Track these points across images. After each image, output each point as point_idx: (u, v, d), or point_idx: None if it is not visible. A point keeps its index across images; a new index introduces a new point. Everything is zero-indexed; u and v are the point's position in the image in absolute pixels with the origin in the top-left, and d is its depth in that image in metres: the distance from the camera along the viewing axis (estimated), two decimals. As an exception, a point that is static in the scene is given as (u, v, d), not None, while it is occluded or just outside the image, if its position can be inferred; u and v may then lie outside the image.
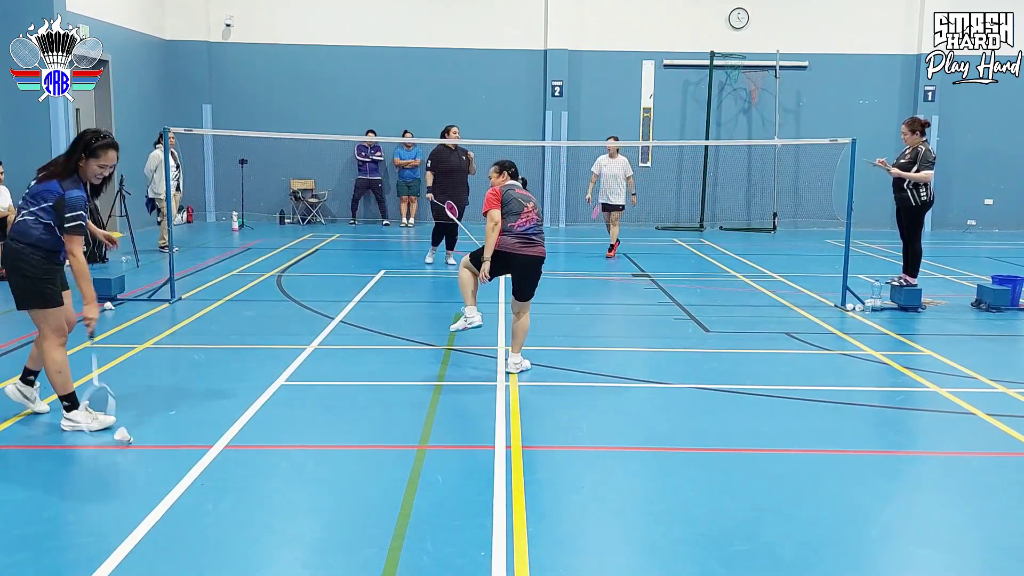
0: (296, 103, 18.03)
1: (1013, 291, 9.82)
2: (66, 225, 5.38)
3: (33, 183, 5.59)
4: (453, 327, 7.38)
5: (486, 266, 6.82)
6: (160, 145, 13.05)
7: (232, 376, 6.93)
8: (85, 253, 5.61)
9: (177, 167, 13.98)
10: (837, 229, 16.38)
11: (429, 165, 12.64)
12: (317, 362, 7.31)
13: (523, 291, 6.94)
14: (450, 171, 12.37)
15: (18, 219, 5.55)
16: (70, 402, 5.61)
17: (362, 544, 4.16)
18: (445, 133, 12.62)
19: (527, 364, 7.12)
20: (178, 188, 14.10)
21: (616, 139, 13.85)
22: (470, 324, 7.11)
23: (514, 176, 7.26)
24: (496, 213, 6.86)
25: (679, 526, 4.40)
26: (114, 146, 5.59)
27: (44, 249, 5.48)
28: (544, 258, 7.01)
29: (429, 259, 12.89)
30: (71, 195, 5.39)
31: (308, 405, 6.26)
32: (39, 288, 5.49)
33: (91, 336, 5.51)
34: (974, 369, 7.36)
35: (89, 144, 5.52)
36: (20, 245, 5.48)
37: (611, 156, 13.64)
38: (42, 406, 5.95)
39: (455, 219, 11.76)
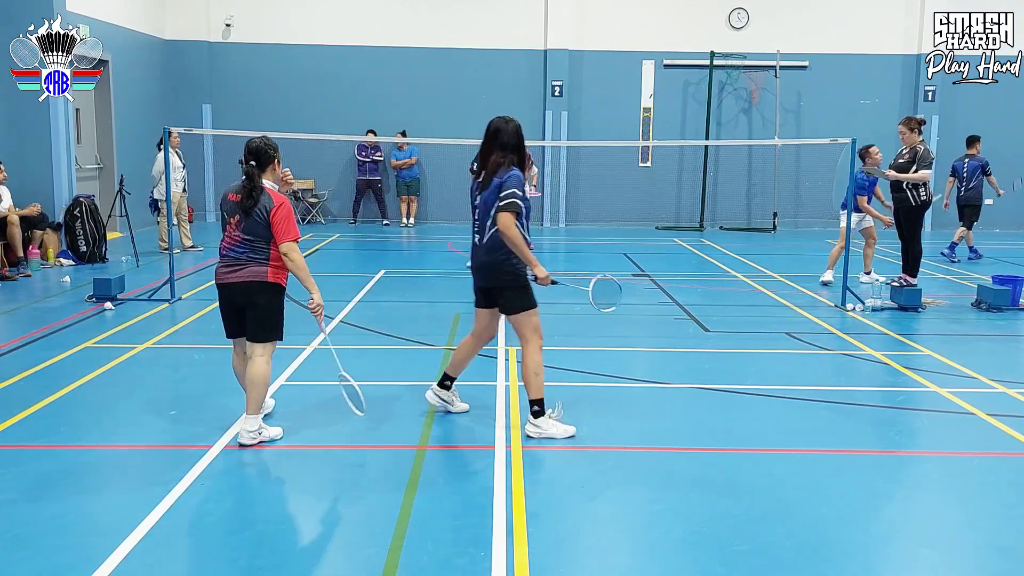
0: (296, 103, 18.02)
1: (1013, 291, 9.82)
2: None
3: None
4: None
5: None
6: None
7: (232, 376, 6.92)
8: (84, 254, 5.59)
9: (183, 167, 13.94)
10: (837, 229, 16.37)
11: None
12: (317, 362, 7.30)
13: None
14: None
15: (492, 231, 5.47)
16: (539, 407, 5.59)
17: (362, 544, 4.16)
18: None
19: (276, 432, 5.53)
20: (184, 189, 14.01)
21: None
22: None
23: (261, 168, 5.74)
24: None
25: (679, 526, 4.40)
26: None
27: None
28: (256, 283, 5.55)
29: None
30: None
31: (308, 405, 6.25)
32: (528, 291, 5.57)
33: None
34: (974, 369, 7.36)
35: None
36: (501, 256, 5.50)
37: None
38: (462, 406, 6.06)
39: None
